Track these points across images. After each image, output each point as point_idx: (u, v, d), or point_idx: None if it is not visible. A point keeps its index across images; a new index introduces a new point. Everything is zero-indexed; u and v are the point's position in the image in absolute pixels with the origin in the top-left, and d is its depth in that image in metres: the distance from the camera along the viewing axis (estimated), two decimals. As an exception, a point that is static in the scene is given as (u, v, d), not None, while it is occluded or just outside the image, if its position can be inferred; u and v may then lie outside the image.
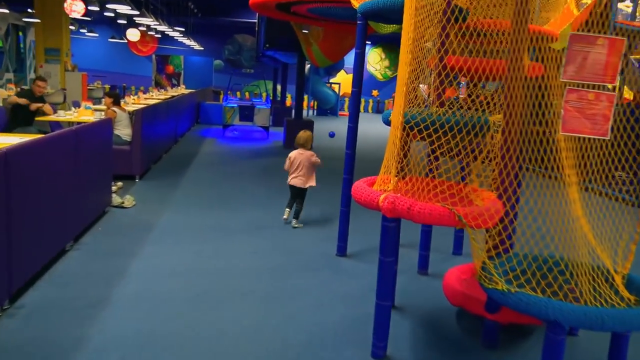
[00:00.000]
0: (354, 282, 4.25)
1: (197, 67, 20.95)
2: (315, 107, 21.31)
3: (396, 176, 3.10)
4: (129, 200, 6.00)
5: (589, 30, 2.74)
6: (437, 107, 3.73)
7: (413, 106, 3.24)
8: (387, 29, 5.38)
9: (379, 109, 24.60)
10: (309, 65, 20.51)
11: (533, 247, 3.11)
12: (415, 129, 3.10)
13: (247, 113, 12.55)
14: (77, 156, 4.64)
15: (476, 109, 3.42)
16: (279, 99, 19.03)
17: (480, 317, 3.41)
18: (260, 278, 4.23)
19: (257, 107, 12.60)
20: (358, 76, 4.71)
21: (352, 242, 4.95)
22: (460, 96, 3.91)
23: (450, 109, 3.56)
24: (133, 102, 11.11)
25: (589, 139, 2.77)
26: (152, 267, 4.29)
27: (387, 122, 3.94)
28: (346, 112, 23.18)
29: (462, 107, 3.54)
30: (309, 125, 11.42)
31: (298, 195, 5.74)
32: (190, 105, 13.89)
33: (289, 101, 24.72)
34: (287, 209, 5.80)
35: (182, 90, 18.34)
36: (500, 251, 3.17)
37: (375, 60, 25.10)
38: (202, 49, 22.37)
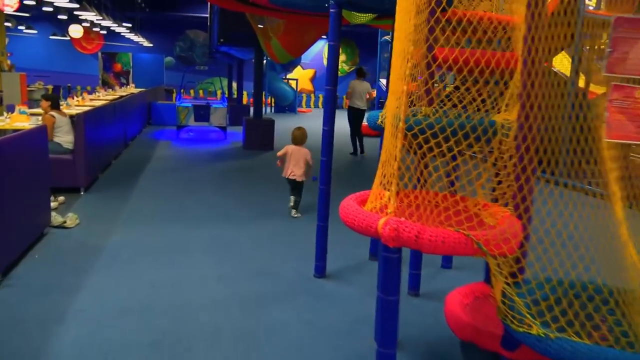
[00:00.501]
0: (337, 311, 3.66)
1: (147, 64, 19.83)
2: (273, 104, 20.61)
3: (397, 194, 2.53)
4: (71, 219, 5.22)
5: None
6: (425, 105, 3.18)
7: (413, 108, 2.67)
8: (361, 19, 4.83)
9: (336, 104, 24.17)
10: (265, 61, 19.76)
11: (558, 270, 2.60)
12: (421, 137, 2.52)
13: (202, 113, 11.77)
14: (1, 173, 3.87)
15: (478, 108, 2.88)
16: (235, 96, 18.24)
17: (494, 353, 2.89)
18: (228, 312, 3.58)
19: (212, 107, 11.83)
20: (333, 73, 4.15)
21: (331, 257, 4.36)
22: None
23: (441, 107, 3.01)
24: (77, 104, 10.15)
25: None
26: (99, 305, 3.58)
27: (375, 127, 3.37)
28: (305, 109, 22.55)
29: (456, 105, 3.00)
30: (269, 124, 10.77)
31: (296, 187, 6.03)
32: (141, 106, 12.97)
33: (245, 99, 23.91)
34: (292, 197, 6.04)
35: (131, 89, 17.27)
36: (520, 280, 2.65)
37: (331, 55, 24.54)
38: (151, 45, 21.26)
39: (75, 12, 12.80)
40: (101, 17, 13.47)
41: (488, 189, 2.83)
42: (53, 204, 5.54)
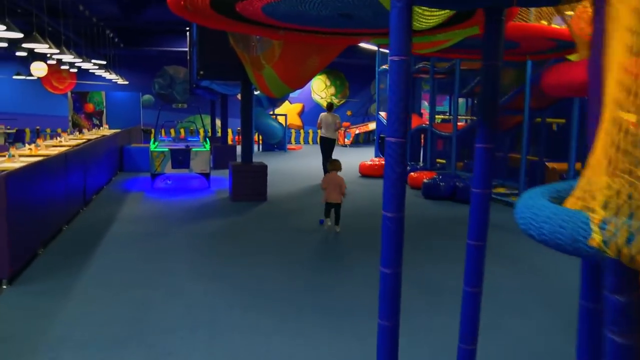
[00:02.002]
0: None
1: (122, 103, 17.95)
2: (260, 142, 18.78)
3: None
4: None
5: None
6: None
7: None
8: (429, 20, 3.08)
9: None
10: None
11: None
12: None
13: (181, 158, 9.85)
14: None
15: None
16: (219, 135, 16.40)
17: None
18: None
19: (193, 150, 9.93)
20: (401, 103, 2.28)
21: None
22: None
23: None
24: (29, 153, 8.17)
25: None
26: None
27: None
28: (295, 146, 20.77)
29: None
30: (261, 170, 8.88)
31: (335, 208, 6.77)
32: (110, 151, 11.03)
33: (230, 137, 22.05)
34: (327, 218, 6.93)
35: (104, 131, 15.38)
36: None
37: (320, 88, 22.99)
38: (127, 83, 19.43)
39: (36, 50, 10.95)
40: (71, 55, 11.62)
41: None
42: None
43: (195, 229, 6.88)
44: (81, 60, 12.25)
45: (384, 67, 14.35)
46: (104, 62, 17.40)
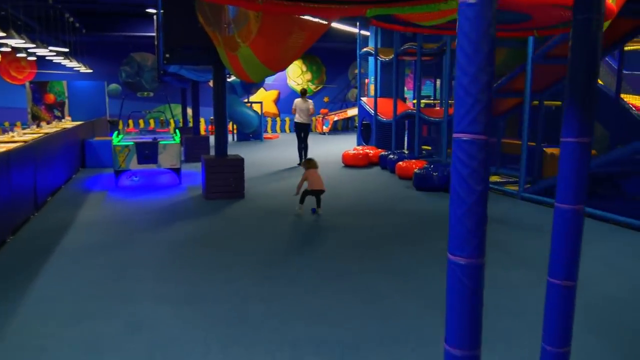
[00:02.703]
0: None
1: (86, 93, 16.63)
2: (235, 132, 17.74)
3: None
4: None
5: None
6: None
7: None
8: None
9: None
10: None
11: None
12: None
13: (147, 152, 8.83)
14: None
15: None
16: (190, 125, 15.30)
17: None
18: None
19: (161, 143, 8.91)
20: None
21: None
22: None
23: None
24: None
25: None
26: None
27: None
28: (271, 134, 19.77)
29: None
30: (237, 164, 7.94)
31: (318, 194, 6.92)
32: (70, 145, 9.92)
33: (203, 127, 20.93)
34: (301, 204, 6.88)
35: (66, 123, 14.15)
36: None
37: (296, 74, 22.00)
38: (90, 71, 18.06)
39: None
40: (21, 40, 10.38)
41: None
42: None
43: (162, 236, 5.93)
44: (35, 46, 11.00)
45: (365, 49, 13.45)
46: (66, 50, 16.10)
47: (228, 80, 17.57)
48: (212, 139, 15.24)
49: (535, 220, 6.66)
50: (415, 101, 14.15)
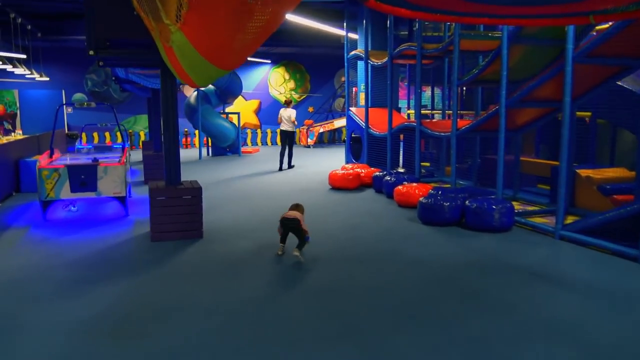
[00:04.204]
0: None
1: (41, 103, 14.66)
2: (210, 146, 15.82)
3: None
4: None
5: None
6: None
7: None
8: None
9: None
10: (195, 92, 15.04)
11: None
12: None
13: (83, 177, 6.88)
14: None
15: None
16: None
17: None
18: None
19: (101, 167, 6.97)
20: None
21: None
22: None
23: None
24: None
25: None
26: None
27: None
28: (251, 148, 17.86)
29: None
30: (194, 194, 6.03)
31: (294, 227, 5.29)
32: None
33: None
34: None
35: (16, 137, 12.18)
36: None
37: (278, 83, 20.16)
38: (46, 79, 16.00)
39: None
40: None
41: None
42: None
43: (72, 309, 3.99)
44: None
45: (355, 52, 11.63)
46: (23, 56, 14.07)
47: (202, 89, 15.70)
48: (182, 153, 13.33)
49: (588, 274, 4.84)
50: (412, 112, 12.37)
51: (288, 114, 11.87)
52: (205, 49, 3.05)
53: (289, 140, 12.03)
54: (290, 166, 12.38)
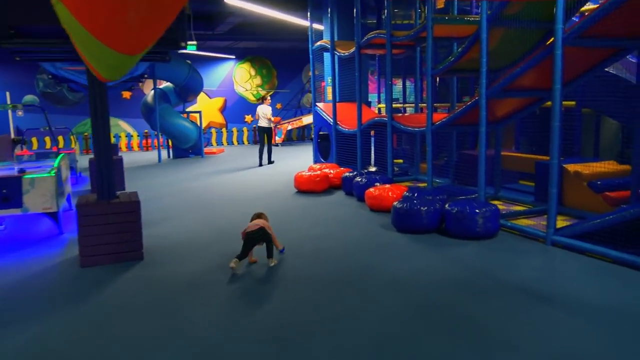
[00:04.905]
0: None
1: (-17, 107, 13.40)
2: (171, 147, 14.79)
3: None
4: None
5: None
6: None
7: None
8: None
9: (256, 138, 18.52)
10: (152, 91, 13.98)
11: None
12: None
13: (5, 193, 5.87)
14: None
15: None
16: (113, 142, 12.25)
17: None
18: None
19: (27, 177, 5.96)
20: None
21: None
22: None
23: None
24: None
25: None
26: None
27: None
28: (215, 148, 16.86)
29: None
30: (129, 210, 5.10)
31: (260, 238, 4.76)
32: None
33: (124, 143, 17.81)
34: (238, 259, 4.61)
35: (-47, 144, 10.95)
36: None
37: (244, 79, 19.19)
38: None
39: None
40: None
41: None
42: None
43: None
44: None
45: (320, 42, 10.77)
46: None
47: (159, 87, 14.63)
48: (138, 156, 12.27)
49: (591, 289, 4.11)
50: (383, 106, 11.60)
51: (264, 111, 11.93)
52: (90, 22, 2.17)
53: (267, 136, 12.04)
54: (270, 161, 12.27)
